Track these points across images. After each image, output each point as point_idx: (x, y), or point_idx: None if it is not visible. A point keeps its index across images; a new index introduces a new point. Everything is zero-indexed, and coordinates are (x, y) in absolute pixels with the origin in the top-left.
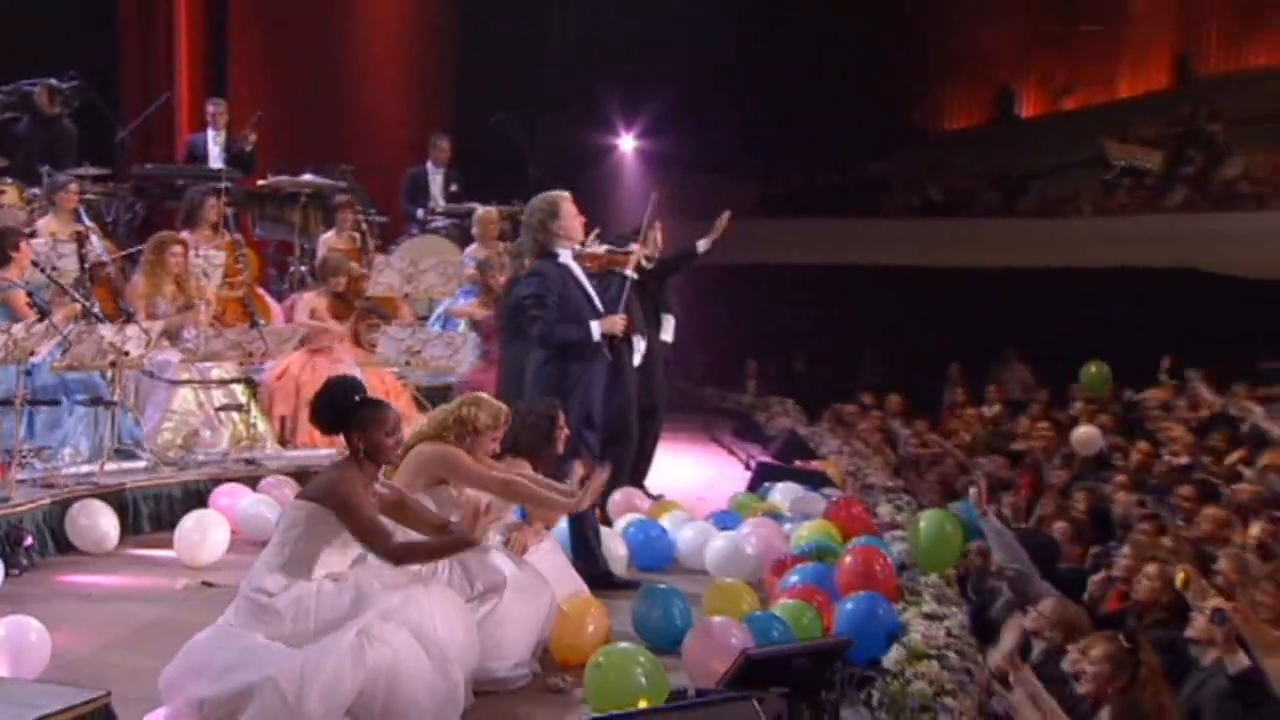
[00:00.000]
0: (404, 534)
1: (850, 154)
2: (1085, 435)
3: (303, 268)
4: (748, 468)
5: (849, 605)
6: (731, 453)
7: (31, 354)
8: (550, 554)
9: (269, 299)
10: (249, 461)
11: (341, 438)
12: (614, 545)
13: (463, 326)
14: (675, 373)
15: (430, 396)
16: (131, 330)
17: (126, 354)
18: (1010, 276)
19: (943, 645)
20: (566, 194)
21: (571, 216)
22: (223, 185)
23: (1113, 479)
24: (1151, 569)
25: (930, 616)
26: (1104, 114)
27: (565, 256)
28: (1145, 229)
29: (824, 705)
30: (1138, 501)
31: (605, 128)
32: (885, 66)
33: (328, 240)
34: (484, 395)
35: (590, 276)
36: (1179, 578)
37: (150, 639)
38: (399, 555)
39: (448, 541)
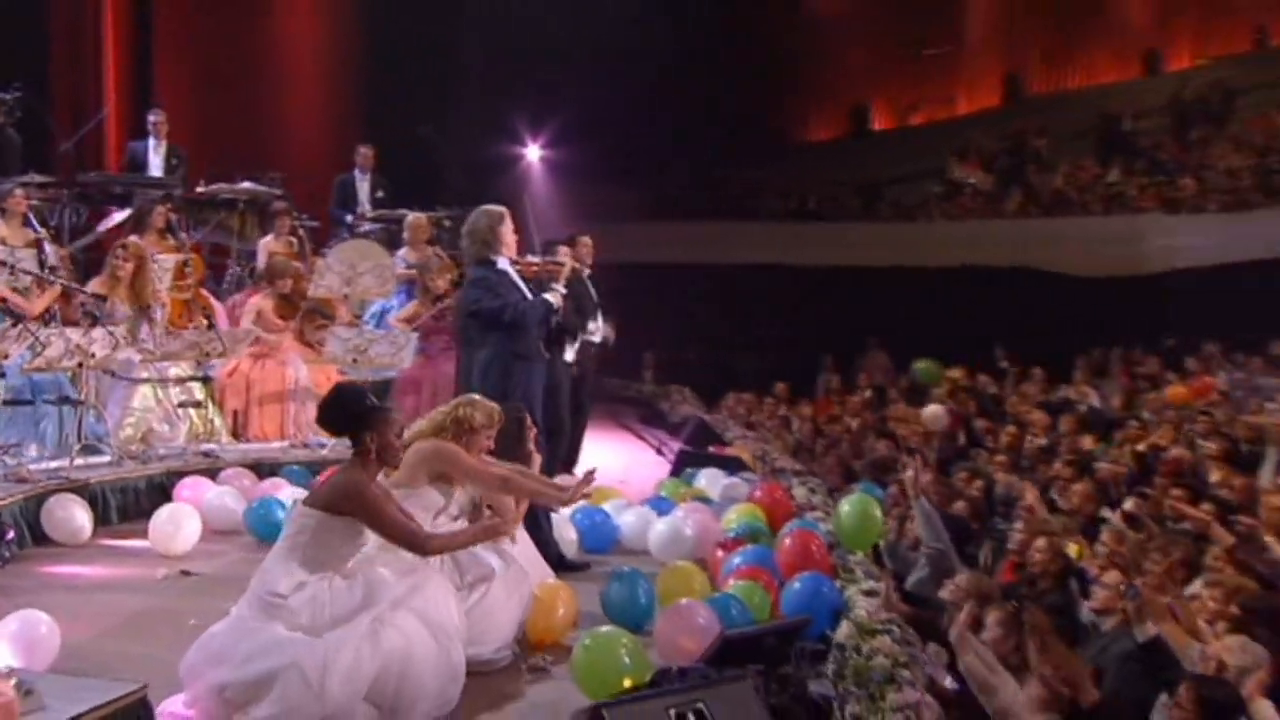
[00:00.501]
0: None
1: (729, 163)
2: (932, 413)
3: (238, 268)
4: (659, 452)
5: (796, 585)
6: (641, 438)
7: (5, 356)
8: (524, 543)
9: (213, 300)
10: (207, 455)
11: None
12: (565, 530)
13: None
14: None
15: (374, 391)
16: (97, 333)
17: (93, 355)
18: (870, 274)
19: (885, 620)
20: (505, 210)
21: (510, 230)
22: (163, 193)
23: (992, 459)
24: (1042, 542)
25: (869, 593)
26: (945, 129)
27: (503, 264)
28: (986, 232)
29: (791, 679)
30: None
31: (513, 139)
32: (759, 85)
33: (267, 244)
34: (478, 397)
35: (525, 282)
36: (1073, 549)
37: (142, 627)
38: (437, 547)
39: (478, 530)
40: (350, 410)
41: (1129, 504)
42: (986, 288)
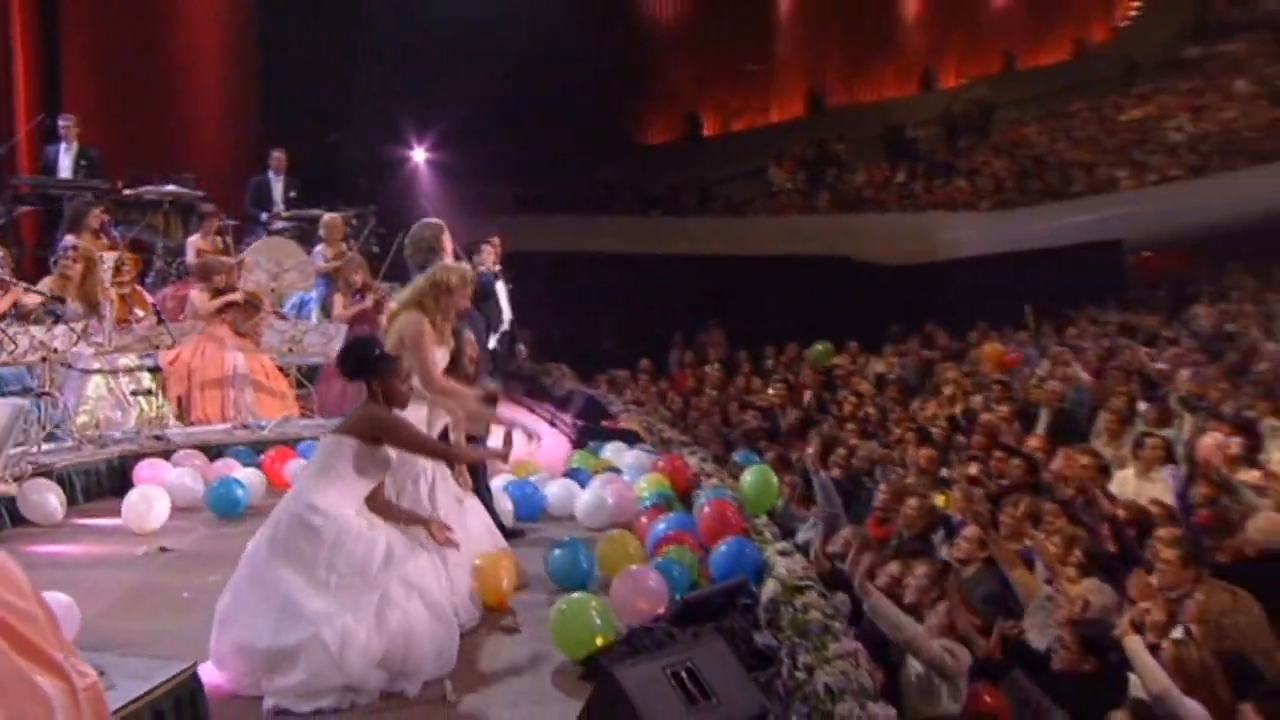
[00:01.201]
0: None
1: (585, 163)
2: None
3: (162, 265)
4: (553, 424)
5: (722, 548)
6: (534, 412)
7: None
8: (478, 513)
9: (146, 295)
10: (158, 438)
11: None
12: (503, 502)
13: (315, 315)
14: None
15: (303, 375)
16: (59, 330)
17: (55, 350)
18: (707, 262)
19: (803, 577)
20: (443, 222)
21: (449, 239)
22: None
23: (841, 427)
24: (912, 500)
25: (783, 553)
26: (762, 134)
27: None
28: (803, 226)
29: (736, 632)
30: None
31: (402, 142)
32: (609, 94)
33: (194, 243)
34: (452, 261)
35: None
36: (940, 500)
37: (139, 602)
38: (457, 455)
39: (485, 451)
40: (360, 359)
41: (972, 468)
42: (806, 275)
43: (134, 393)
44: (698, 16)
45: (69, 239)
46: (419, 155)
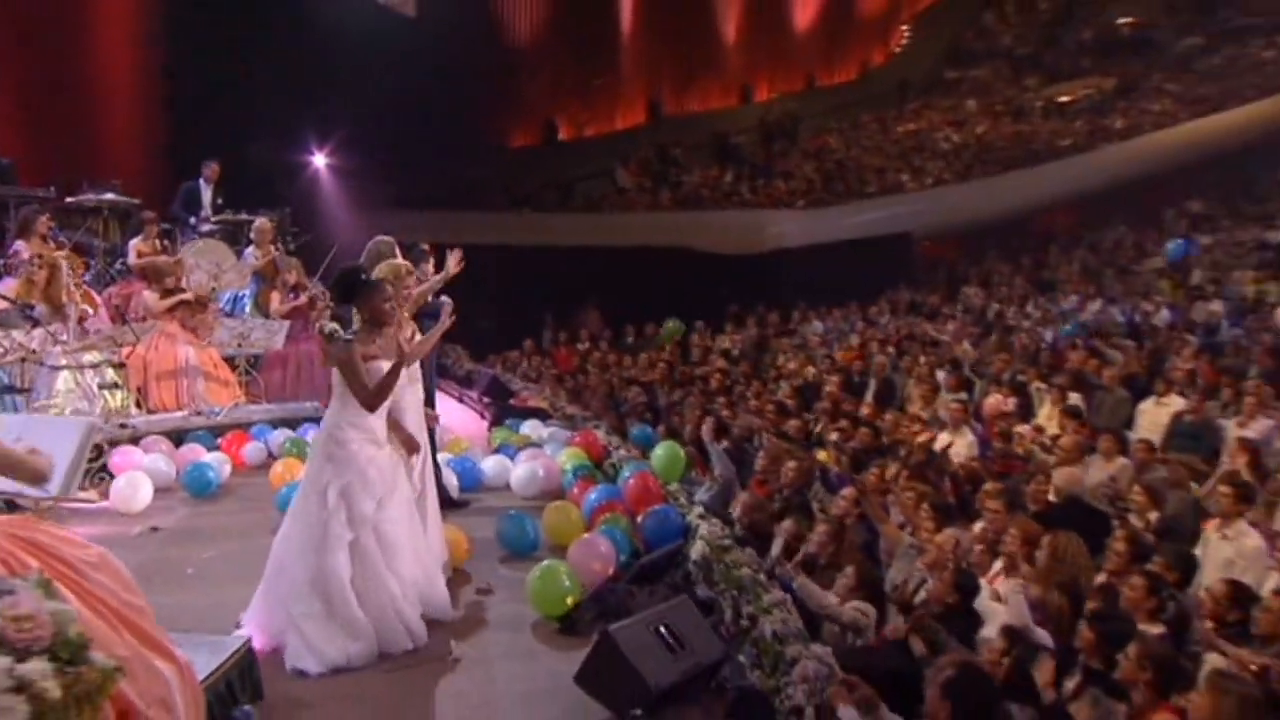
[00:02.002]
0: None
1: (456, 163)
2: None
3: (101, 266)
4: (461, 401)
5: (651, 515)
6: (443, 390)
7: None
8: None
9: (95, 294)
10: (124, 426)
11: None
12: (449, 476)
13: (249, 309)
14: None
15: (249, 365)
16: (37, 332)
17: (34, 352)
18: (569, 252)
19: (725, 537)
20: (393, 239)
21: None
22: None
23: (710, 401)
24: (791, 463)
25: (701, 517)
26: (610, 140)
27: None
28: (650, 221)
29: (680, 586)
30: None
31: (304, 149)
32: (477, 102)
33: (136, 245)
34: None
35: None
36: (823, 456)
37: (149, 579)
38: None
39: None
40: (346, 285)
41: (834, 435)
42: (655, 264)
43: (100, 386)
44: (552, 36)
45: (19, 244)
46: (319, 160)
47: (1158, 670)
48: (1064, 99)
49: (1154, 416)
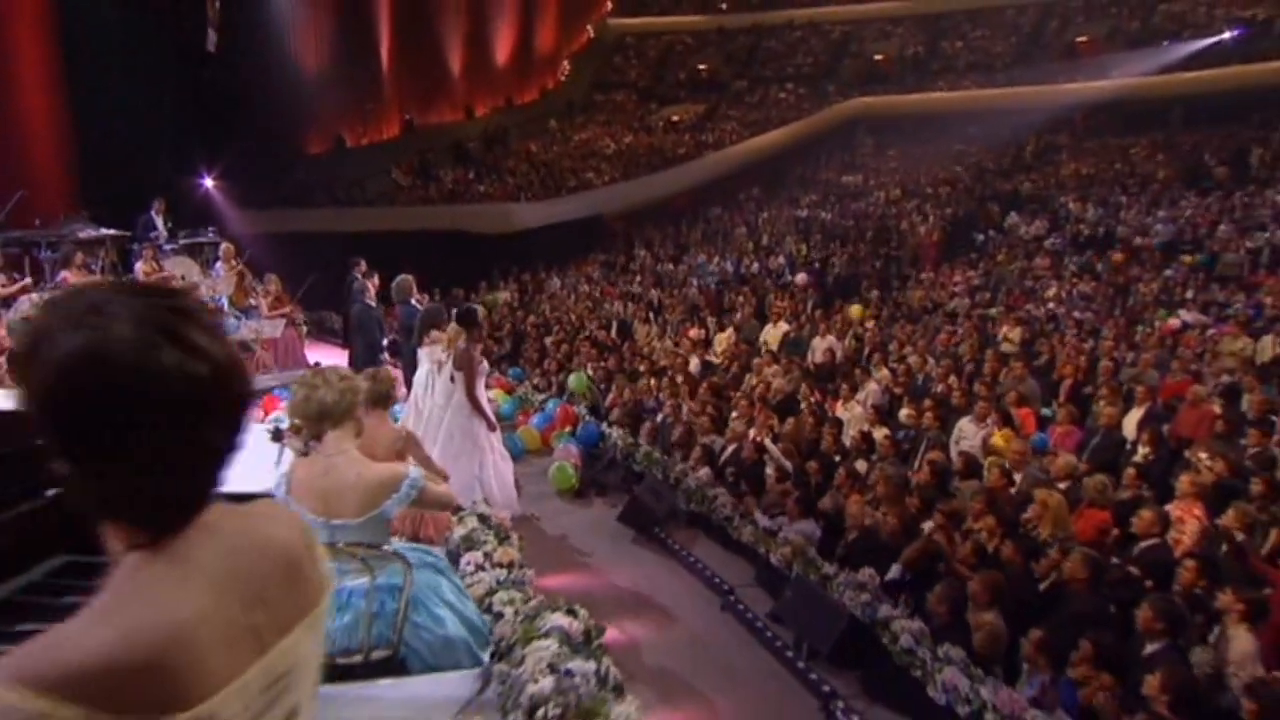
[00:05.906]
0: None
1: (285, 168)
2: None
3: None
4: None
5: (583, 428)
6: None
7: None
8: None
9: None
10: None
11: None
12: None
13: (226, 306)
14: None
15: (243, 347)
16: None
17: None
18: (372, 237)
19: (629, 439)
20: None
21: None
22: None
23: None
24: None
25: (610, 426)
26: (385, 147)
27: (414, 301)
28: (426, 212)
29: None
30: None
31: (196, 172)
32: (287, 119)
33: (141, 267)
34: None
35: None
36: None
37: None
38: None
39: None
40: (466, 317)
41: (704, 386)
42: (436, 244)
43: None
44: (334, 66)
45: (64, 274)
46: (209, 181)
47: None
48: (675, 119)
49: (773, 335)
